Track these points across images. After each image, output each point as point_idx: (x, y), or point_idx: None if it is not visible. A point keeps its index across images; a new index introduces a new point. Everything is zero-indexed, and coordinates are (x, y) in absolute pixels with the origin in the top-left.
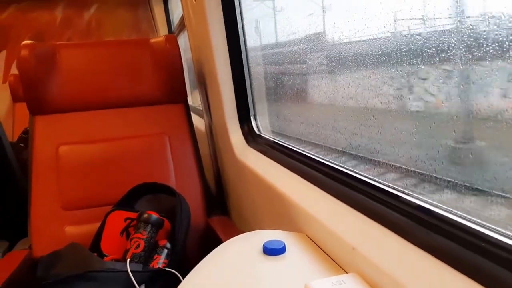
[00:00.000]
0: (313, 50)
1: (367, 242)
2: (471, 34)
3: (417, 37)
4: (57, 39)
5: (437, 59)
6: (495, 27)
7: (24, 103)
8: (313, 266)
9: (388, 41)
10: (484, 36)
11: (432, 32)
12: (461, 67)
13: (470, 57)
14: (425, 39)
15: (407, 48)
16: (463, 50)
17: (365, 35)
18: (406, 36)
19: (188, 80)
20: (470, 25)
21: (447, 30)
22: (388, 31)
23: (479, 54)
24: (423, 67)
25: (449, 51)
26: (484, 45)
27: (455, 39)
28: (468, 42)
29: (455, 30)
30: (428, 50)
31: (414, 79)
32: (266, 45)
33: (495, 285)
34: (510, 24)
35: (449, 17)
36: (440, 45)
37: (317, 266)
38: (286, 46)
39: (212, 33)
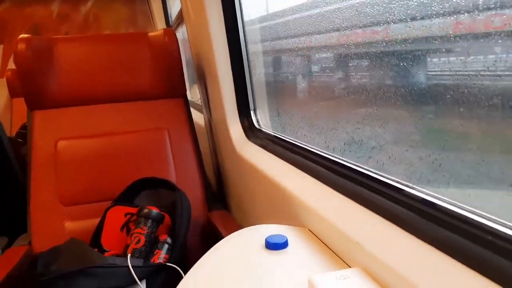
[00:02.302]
0: None
1: (370, 236)
2: None
3: None
4: (54, 33)
5: None
6: None
7: (22, 98)
8: (316, 261)
9: None
10: None
11: None
12: None
13: None
14: None
15: None
16: None
17: None
18: None
19: (187, 75)
20: None
21: None
22: None
23: None
24: None
25: None
26: None
27: None
28: None
29: None
30: None
31: None
32: None
33: (502, 278)
34: None
35: None
36: None
37: (320, 260)
38: None
39: (211, 27)
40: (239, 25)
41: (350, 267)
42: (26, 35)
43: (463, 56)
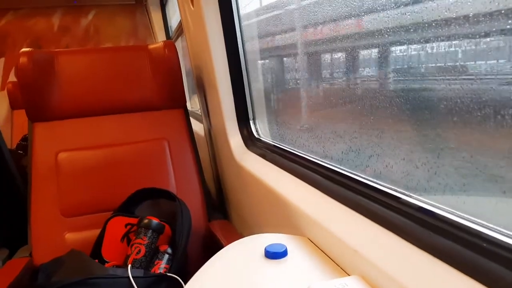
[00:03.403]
0: None
1: (369, 244)
2: None
3: None
4: (55, 46)
5: None
6: None
7: (23, 110)
8: (315, 269)
9: None
10: None
11: None
12: None
13: None
14: None
15: None
16: None
17: None
18: None
19: (187, 85)
20: None
21: None
22: None
23: None
24: None
25: None
26: None
27: None
28: None
29: None
30: None
31: None
32: None
33: (498, 285)
34: None
35: None
36: None
37: (319, 269)
38: None
39: (211, 38)
40: (237, 35)
41: (349, 275)
42: (27, 49)
43: None
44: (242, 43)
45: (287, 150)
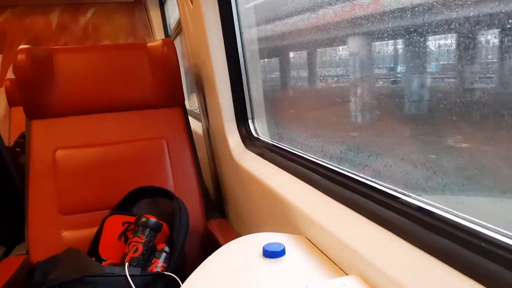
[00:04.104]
0: None
1: (367, 244)
2: None
3: None
4: (53, 44)
5: None
6: None
7: (21, 108)
8: (313, 269)
9: None
10: None
11: None
12: None
13: None
14: None
15: None
16: None
17: None
18: None
19: (185, 84)
20: None
21: None
22: None
23: None
24: None
25: None
26: None
27: None
28: None
29: None
30: None
31: None
32: None
33: (497, 285)
34: None
35: None
36: None
37: (317, 268)
38: None
39: (210, 37)
40: (237, 34)
41: (347, 274)
42: (26, 46)
43: None
44: (241, 42)
45: (285, 149)
